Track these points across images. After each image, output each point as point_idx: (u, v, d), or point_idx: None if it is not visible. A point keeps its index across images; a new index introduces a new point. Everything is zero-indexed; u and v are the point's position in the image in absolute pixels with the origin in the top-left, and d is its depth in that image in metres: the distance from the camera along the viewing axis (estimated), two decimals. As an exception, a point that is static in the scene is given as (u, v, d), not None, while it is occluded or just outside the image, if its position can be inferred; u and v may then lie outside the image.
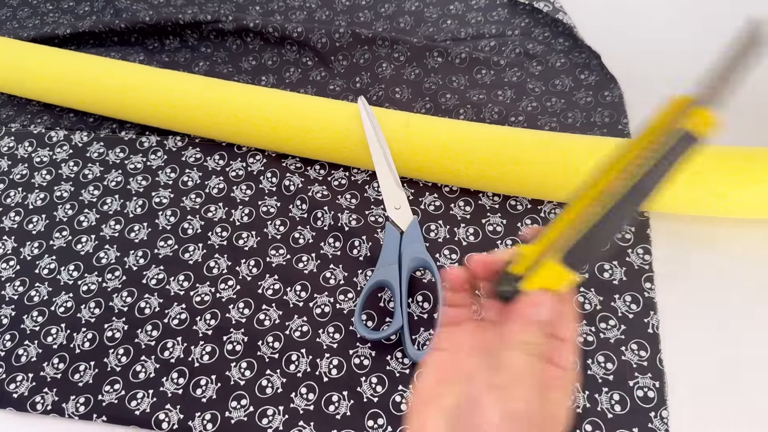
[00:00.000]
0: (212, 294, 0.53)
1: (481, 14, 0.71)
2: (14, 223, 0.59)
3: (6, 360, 0.51)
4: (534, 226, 0.30)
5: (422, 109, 0.63)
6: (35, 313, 0.53)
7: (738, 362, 0.47)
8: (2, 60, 0.66)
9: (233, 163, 0.61)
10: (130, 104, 0.62)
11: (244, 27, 0.68)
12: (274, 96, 0.59)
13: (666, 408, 0.45)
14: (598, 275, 0.51)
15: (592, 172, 0.30)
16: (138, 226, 0.58)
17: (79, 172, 0.62)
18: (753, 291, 0.50)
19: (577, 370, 0.31)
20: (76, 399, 0.48)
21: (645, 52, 0.65)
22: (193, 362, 0.49)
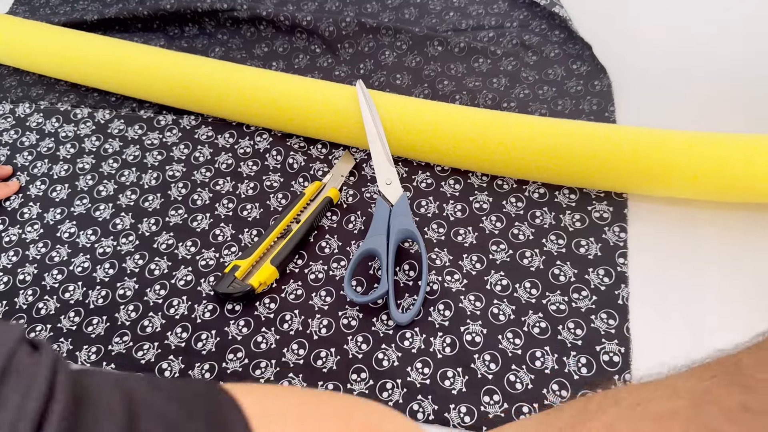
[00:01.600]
0: (216, 259, 0.57)
1: (482, 7, 0.74)
2: (39, 191, 0.64)
3: (28, 312, 0.56)
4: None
5: (421, 95, 0.67)
6: (55, 271, 0.58)
7: (705, 334, 0.50)
8: (34, 42, 0.72)
9: (242, 141, 0.65)
10: (149, 85, 0.66)
11: (257, 15, 0.73)
12: (281, 79, 0.63)
13: (629, 372, 0.48)
14: (574, 250, 0.54)
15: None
16: (152, 196, 0.62)
17: (101, 146, 0.67)
18: (723, 268, 0.53)
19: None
20: (88, 348, 0.53)
21: (635, 44, 0.68)
22: (195, 319, 0.54)
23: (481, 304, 0.52)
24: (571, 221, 0.56)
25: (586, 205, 0.56)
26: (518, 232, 0.56)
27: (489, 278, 0.53)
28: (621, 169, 0.53)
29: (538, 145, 0.55)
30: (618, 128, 0.55)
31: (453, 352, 0.50)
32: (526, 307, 0.52)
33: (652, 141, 0.53)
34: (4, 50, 0.74)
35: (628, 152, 0.53)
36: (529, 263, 0.54)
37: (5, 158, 0.68)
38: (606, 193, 0.57)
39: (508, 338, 0.50)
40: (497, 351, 0.50)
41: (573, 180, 0.56)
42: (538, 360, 0.49)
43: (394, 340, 0.51)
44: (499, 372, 0.49)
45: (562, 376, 0.48)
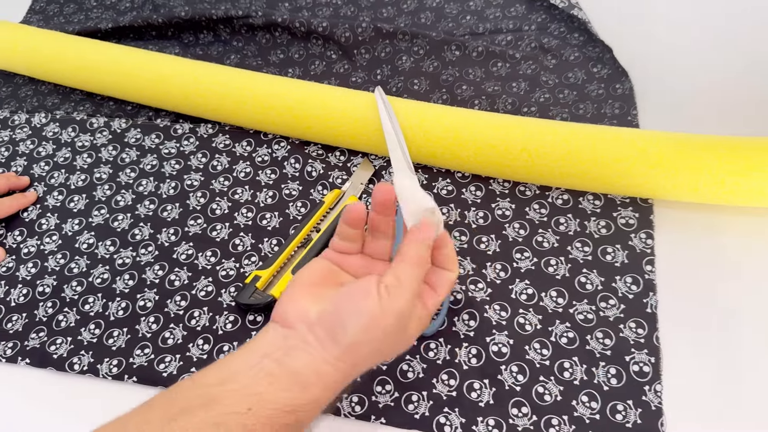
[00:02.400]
0: (236, 269, 0.57)
1: (500, 10, 0.73)
2: (57, 202, 0.64)
3: (48, 325, 0.56)
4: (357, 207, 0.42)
5: (439, 100, 0.66)
6: (74, 283, 0.58)
7: (734, 342, 0.49)
8: (49, 52, 0.71)
9: (259, 149, 0.65)
10: (165, 93, 0.66)
11: (273, 22, 0.72)
12: (298, 86, 0.63)
13: (660, 382, 0.47)
14: (601, 257, 0.53)
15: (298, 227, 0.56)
16: (170, 206, 0.62)
17: (118, 155, 0.67)
18: (752, 276, 0.52)
19: (457, 274, 0.42)
20: (109, 361, 0.53)
21: (656, 46, 0.67)
22: (217, 330, 0.53)
23: (507, 313, 0.51)
24: (596, 228, 0.55)
25: (612, 212, 0.55)
26: (542, 239, 0.55)
27: (514, 287, 0.53)
28: (647, 175, 0.52)
29: (561, 150, 0.54)
30: (643, 133, 0.54)
31: (479, 363, 0.49)
32: (553, 317, 0.51)
33: (679, 146, 0.52)
34: (20, 60, 0.74)
35: (654, 157, 0.52)
36: (554, 271, 0.53)
37: (22, 168, 0.68)
38: (631, 199, 0.56)
39: (535, 349, 0.49)
40: (524, 362, 0.49)
41: (598, 186, 0.55)
42: (566, 371, 0.48)
43: (419, 351, 0.50)
44: (526, 384, 0.48)
45: (591, 387, 0.47)
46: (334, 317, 0.37)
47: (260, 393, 0.35)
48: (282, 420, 0.35)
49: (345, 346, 0.37)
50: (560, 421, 0.46)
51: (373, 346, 0.37)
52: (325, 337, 0.37)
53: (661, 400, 0.46)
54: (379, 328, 0.37)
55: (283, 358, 0.37)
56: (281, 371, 0.36)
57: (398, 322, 0.37)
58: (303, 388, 0.36)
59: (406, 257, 0.39)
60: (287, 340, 0.38)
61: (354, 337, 0.36)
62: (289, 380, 0.36)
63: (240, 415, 0.34)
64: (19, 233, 0.62)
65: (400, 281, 0.38)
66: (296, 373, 0.36)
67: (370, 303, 0.37)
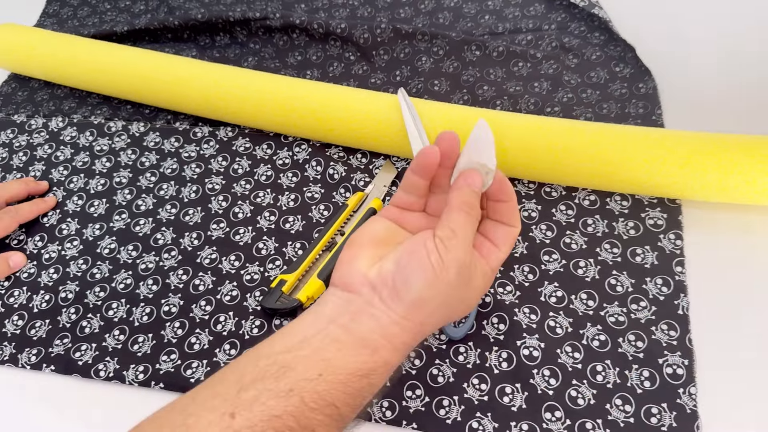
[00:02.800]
0: (261, 273, 0.56)
1: (519, 9, 0.73)
2: (77, 207, 0.64)
3: (71, 331, 0.55)
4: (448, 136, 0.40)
5: (460, 101, 0.65)
6: (97, 288, 0.58)
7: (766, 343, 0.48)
8: (64, 55, 0.71)
9: (280, 152, 0.64)
10: (185, 97, 0.66)
11: (290, 24, 0.72)
12: (319, 88, 0.62)
13: (695, 385, 0.46)
14: (630, 259, 0.53)
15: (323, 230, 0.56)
16: (192, 209, 0.61)
17: (137, 159, 0.66)
18: (783, 276, 0.51)
19: (519, 229, 0.41)
20: (135, 367, 0.52)
21: (679, 45, 0.67)
22: (243, 335, 0.53)
23: (537, 317, 0.51)
24: (624, 229, 0.54)
25: (640, 212, 0.55)
26: (570, 241, 0.54)
27: (543, 290, 0.52)
28: (676, 175, 0.52)
29: (588, 151, 0.53)
30: (671, 132, 0.53)
31: (510, 368, 0.49)
32: (584, 320, 0.50)
33: (708, 145, 0.51)
34: (35, 64, 0.73)
35: (683, 157, 0.51)
36: (583, 273, 0.52)
37: (41, 173, 0.67)
38: (659, 200, 0.55)
39: (566, 352, 0.49)
40: (556, 366, 0.48)
41: (626, 186, 0.55)
42: (599, 374, 0.48)
43: (448, 355, 0.50)
44: (559, 387, 0.47)
45: (624, 390, 0.47)
46: (397, 275, 0.37)
47: (329, 359, 0.35)
48: (355, 385, 0.35)
49: (410, 303, 0.36)
50: (594, 425, 0.46)
51: (438, 301, 0.37)
52: (388, 296, 0.37)
53: (696, 403, 0.46)
54: (442, 281, 0.36)
55: (349, 324, 0.36)
56: (348, 337, 0.36)
57: (459, 274, 0.37)
58: (372, 351, 0.36)
59: (453, 205, 0.38)
60: (351, 305, 0.37)
61: (418, 292, 0.36)
62: (357, 345, 0.36)
63: (311, 382, 0.34)
64: (40, 239, 0.62)
65: (453, 231, 0.37)
66: (363, 338, 0.36)
67: (432, 257, 0.36)
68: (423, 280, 0.36)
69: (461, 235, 0.37)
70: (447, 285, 0.36)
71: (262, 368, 0.35)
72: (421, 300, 0.36)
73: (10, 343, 0.55)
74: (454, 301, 0.38)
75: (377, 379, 0.36)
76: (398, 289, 0.37)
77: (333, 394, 0.34)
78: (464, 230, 0.38)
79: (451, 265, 0.36)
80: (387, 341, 0.36)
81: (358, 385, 0.35)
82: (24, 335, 0.55)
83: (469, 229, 0.38)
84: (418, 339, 0.38)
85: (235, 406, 0.33)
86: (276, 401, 0.33)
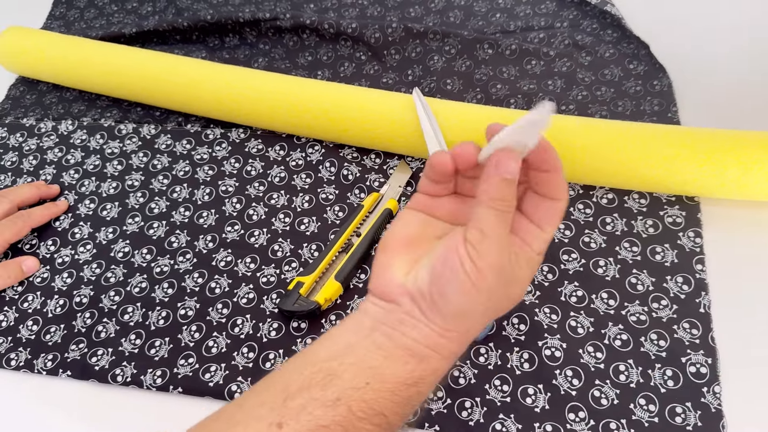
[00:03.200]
0: (277, 275, 0.56)
1: (530, 7, 0.72)
2: (89, 210, 0.63)
3: (87, 336, 0.55)
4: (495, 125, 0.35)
5: (473, 100, 0.65)
6: (112, 292, 0.57)
7: (790, 342, 0.48)
8: (73, 57, 0.70)
9: (293, 153, 0.64)
10: (196, 98, 0.65)
11: (300, 24, 0.71)
12: (332, 89, 0.62)
13: (719, 383, 0.46)
14: (650, 257, 0.52)
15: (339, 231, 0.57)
16: (206, 212, 0.61)
17: (149, 162, 0.66)
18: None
19: (567, 202, 0.36)
20: (153, 372, 0.52)
21: (694, 42, 0.66)
22: (261, 338, 0.52)
23: (557, 317, 0.50)
24: (643, 227, 0.54)
25: (658, 210, 0.55)
26: (589, 240, 0.54)
27: (563, 289, 0.52)
28: (696, 173, 0.51)
29: (606, 149, 0.53)
30: (690, 130, 0.53)
31: (532, 368, 0.48)
32: (605, 319, 0.50)
33: (727, 142, 0.51)
34: (44, 66, 0.73)
35: (702, 155, 0.51)
36: (603, 272, 0.52)
37: (51, 177, 0.67)
38: (677, 197, 0.55)
39: (588, 352, 0.49)
40: (579, 366, 0.48)
41: (644, 185, 0.54)
42: (622, 374, 0.47)
43: (469, 356, 0.49)
44: (582, 388, 0.47)
45: (648, 389, 0.46)
46: (433, 287, 0.34)
47: (376, 367, 0.34)
48: (403, 393, 0.34)
49: (451, 316, 0.34)
50: (618, 425, 0.45)
51: (480, 308, 0.34)
52: (428, 309, 0.35)
53: (721, 401, 0.45)
54: (480, 290, 0.33)
55: (392, 333, 0.35)
56: (393, 345, 0.34)
57: (499, 277, 0.34)
58: (420, 360, 0.34)
59: (482, 200, 0.34)
60: (392, 314, 0.35)
61: (457, 306, 0.34)
62: (403, 354, 0.34)
63: (358, 390, 0.33)
64: (52, 243, 0.61)
65: (483, 233, 0.33)
66: (408, 347, 0.34)
67: (465, 265, 0.33)
68: (460, 293, 0.33)
69: (493, 234, 0.33)
70: (487, 291, 0.34)
71: (307, 376, 0.34)
72: (462, 311, 0.34)
73: (26, 348, 0.55)
74: (498, 301, 0.36)
75: (426, 387, 0.35)
76: (436, 302, 0.34)
77: (381, 402, 0.33)
78: (496, 229, 0.33)
79: (487, 271, 0.33)
80: (434, 351, 0.35)
81: (406, 393, 0.34)
82: (39, 340, 0.55)
83: (502, 226, 0.34)
84: (465, 345, 0.37)
85: (282, 415, 0.32)
86: (323, 410, 0.32)
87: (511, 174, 0.33)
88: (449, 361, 0.36)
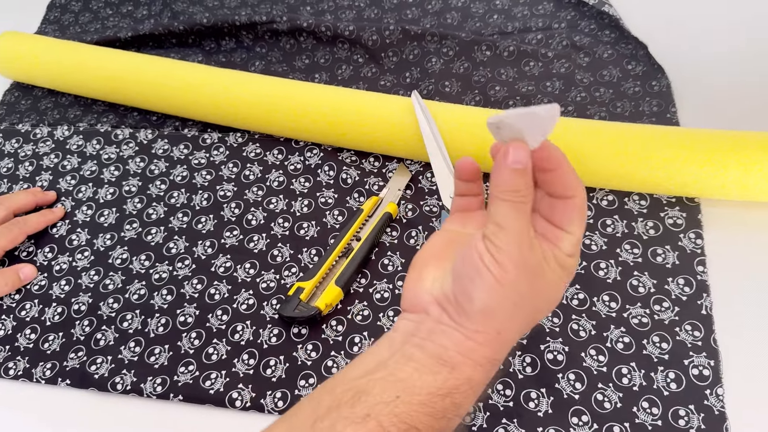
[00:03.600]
0: (277, 280, 0.56)
1: (527, 8, 0.72)
2: (87, 217, 0.63)
3: (86, 344, 0.54)
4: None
5: (472, 102, 0.65)
6: (111, 300, 0.57)
7: (792, 343, 0.48)
8: (68, 62, 0.70)
9: (291, 157, 0.64)
10: (194, 103, 0.65)
11: (297, 27, 0.71)
12: (330, 92, 0.62)
13: (721, 386, 0.46)
14: (651, 259, 0.52)
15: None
16: (204, 217, 0.61)
17: (146, 167, 0.65)
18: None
19: (583, 198, 0.34)
20: (153, 379, 0.51)
21: (692, 42, 0.66)
22: (262, 344, 0.52)
23: (559, 320, 0.50)
24: (644, 229, 0.54)
25: (659, 212, 0.54)
26: (590, 242, 0.54)
27: (564, 292, 0.51)
28: (697, 174, 0.51)
29: (606, 151, 0.53)
30: (690, 131, 0.53)
31: (534, 372, 0.48)
32: (607, 322, 0.50)
33: (728, 143, 0.51)
34: (39, 72, 0.73)
35: (703, 156, 0.51)
36: (605, 275, 0.52)
37: (48, 183, 0.66)
38: (677, 199, 0.55)
39: (591, 355, 0.48)
40: (581, 369, 0.48)
41: (645, 186, 0.54)
42: (624, 377, 0.47)
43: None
44: (585, 391, 0.47)
45: (651, 392, 0.46)
46: (457, 287, 0.34)
47: (405, 379, 0.32)
48: (437, 405, 0.32)
49: (476, 315, 0.33)
50: (622, 428, 0.45)
51: (508, 305, 0.33)
52: (454, 312, 0.34)
53: (724, 404, 0.45)
54: (504, 285, 0.32)
55: (423, 342, 0.34)
56: (423, 355, 0.33)
57: (523, 272, 0.32)
58: (452, 368, 0.33)
59: (494, 193, 0.32)
60: (422, 325, 0.35)
61: (481, 302, 0.32)
62: (434, 363, 0.33)
63: (388, 404, 0.32)
64: (50, 250, 0.61)
65: (500, 226, 0.32)
66: (439, 355, 0.33)
67: (485, 259, 0.32)
68: (482, 289, 0.32)
69: (510, 226, 0.32)
70: (512, 286, 0.32)
71: (337, 395, 0.33)
72: (487, 309, 0.33)
73: (24, 357, 0.54)
74: (531, 300, 0.34)
75: (461, 398, 0.33)
76: (461, 303, 0.33)
77: (413, 416, 0.32)
78: (512, 221, 0.32)
79: (509, 265, 0.32)
80: (465, 357, 0.33)
81: (440, 405, 0.32)
82: (37, 349, 0.55)
83: (520, 218, 0.32)
84: (502, 351, 0.34)
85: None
86: (353, 428, 0.31)
87: (521, 164, 0.32)
88: (485, 368, 0.34)
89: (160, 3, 0.81)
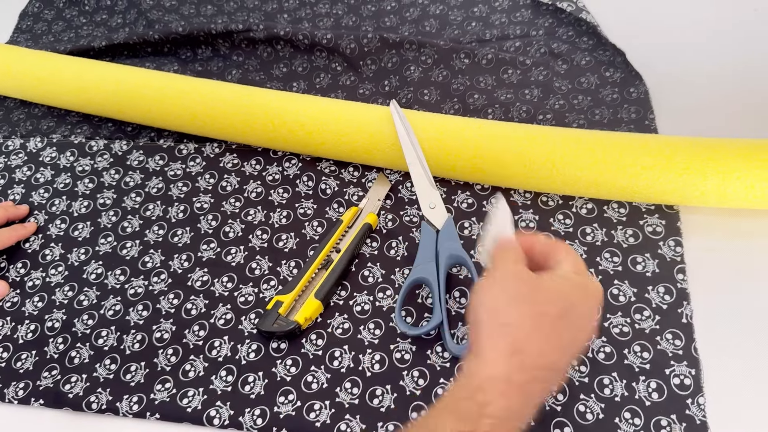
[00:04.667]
0: (255, 294, 0.55)
1: (505, 15, 0.72)
2: (60, 231, 0.62)
3: (60, 362, 0.53)
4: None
5: (451, 110, 0.64)
6: (85, 316, 0.56)
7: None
8: (41, 73, 0.69)
9: (269, 167, 0.63)
10: (169, 113, 0.64)
11: (274, 35, 0.70)
12: (308, 101, 0.61)
13: (703, 395, 0.46)
14: (631, 267, 0.52)
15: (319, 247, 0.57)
16: (181, 230, 0.60)
17: (121, 179, 0.64)
18: (785, 280, 0.51)
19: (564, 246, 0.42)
20: (129, 398, 0.50)
21: (669, 49, 0.66)
22: (240, 360, 0.51)
23: (541, 330, 0.50)
24: (624, 237, 0.54)
25: (638, 219, 0.54)
26: (570, 251, 0.54)
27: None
28: (675, 182, 0.51)
29: (587, 159, 0.53)
30: (669, 139, 0.53)
31: (516, 384, 0.48)
32: (588, 332, 0.49)
33: (706, 151, 0.51)
34: (11, 82, 0.71)
35: (681, 164, 0.51)
36: (585, 284, 0.52)
37: (20, 196, 0.65)
38: (656, 206, 0.55)
39: (572, 366, 0.48)
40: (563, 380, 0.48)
41: (624, 194, 0.54)
42: (606, 387, 0.47)
43: (452, 373, 0.49)
44: (567, 403, 0.47)
45: (633, 403, 0.46)
46: (471, 327, 0.39)
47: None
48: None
49: (478, 347, 0.37)
50: (604, 440, 0.45)
51: (515, 331, 0.37)
52: (468, 352, 0.38)
53: (705, 413, 0.45)
54: (502, 310, 0.38)
55: (452, 388, 0.38)
56: (450, 398, 0.37)
57: (521, 296, 0.38)
58: (480, 406, 0.35)
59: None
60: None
61: (482, 327, 0.38)
62: (459, 404, 0.36)
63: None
64: (22, 265, 0.60)
65: (489, 255, 0.42)
66: (461, 398, 0.36)
67: (478, 292, 0.39)
68: (481, 316, 0.38)
69: (498, 257, 0.41)
70: (515, 310, 0.38)
71: None
72: (489, 337, 0.37)
73: (-4, 376, 0.53)
74: (545, 326, 0.37)
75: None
76: (471, 341, 0.38)
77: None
78: (500, 252, 0.41)
79: (498, 291, 0.39)
80: (486, 393, 0.36)
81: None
82: (10, 368, 0.53)
83: (508, 254, 0.41)
84: (528, 381, 0.36)
85: None
86: None
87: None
88: (512, 401, 0.36)
89: (135, 11, 0.80)
